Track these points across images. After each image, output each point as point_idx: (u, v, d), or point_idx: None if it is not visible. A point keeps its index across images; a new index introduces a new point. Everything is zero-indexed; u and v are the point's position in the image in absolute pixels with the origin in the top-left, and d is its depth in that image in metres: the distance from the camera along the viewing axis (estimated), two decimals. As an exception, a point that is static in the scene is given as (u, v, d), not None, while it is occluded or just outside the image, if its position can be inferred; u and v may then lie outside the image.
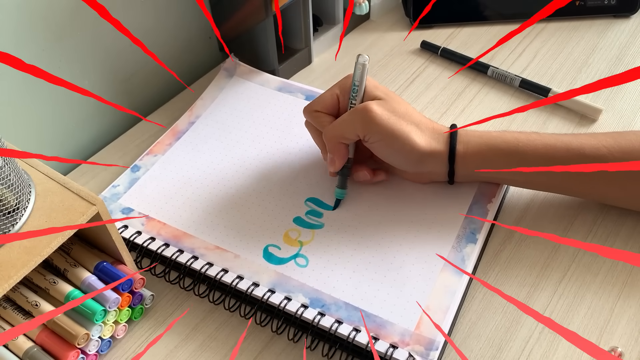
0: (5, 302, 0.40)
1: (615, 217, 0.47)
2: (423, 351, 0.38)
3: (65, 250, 0.42)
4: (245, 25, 0.59)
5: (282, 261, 0.44)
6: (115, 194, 0.50)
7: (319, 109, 0.47)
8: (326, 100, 0.47)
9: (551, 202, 0.49)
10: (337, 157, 0.46)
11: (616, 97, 0.58)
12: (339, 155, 0.46)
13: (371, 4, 0.68)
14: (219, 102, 0.58)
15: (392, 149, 0.45)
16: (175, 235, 0.46)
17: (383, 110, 0.44)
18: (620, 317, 0.42)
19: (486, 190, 0.48)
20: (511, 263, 0.45)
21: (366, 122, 0.44)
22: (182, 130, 0.55)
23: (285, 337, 0.42)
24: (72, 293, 0.39)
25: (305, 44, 0.63)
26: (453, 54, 0.64)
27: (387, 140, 0.44)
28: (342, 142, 0.46)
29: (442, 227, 0.45)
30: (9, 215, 0.36)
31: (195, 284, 0.44)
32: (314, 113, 0.47)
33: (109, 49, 0.56)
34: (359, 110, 0.44)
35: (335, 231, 0.46)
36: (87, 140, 0.58)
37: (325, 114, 0.47)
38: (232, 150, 0.53)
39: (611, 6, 0.67)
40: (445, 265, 0.43)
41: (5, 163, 0.35)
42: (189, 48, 0.64)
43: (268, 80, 0.59)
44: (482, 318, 0.42)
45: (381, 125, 0.43)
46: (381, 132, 0.44)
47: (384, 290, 0.42)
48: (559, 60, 0.63)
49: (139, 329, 0.43)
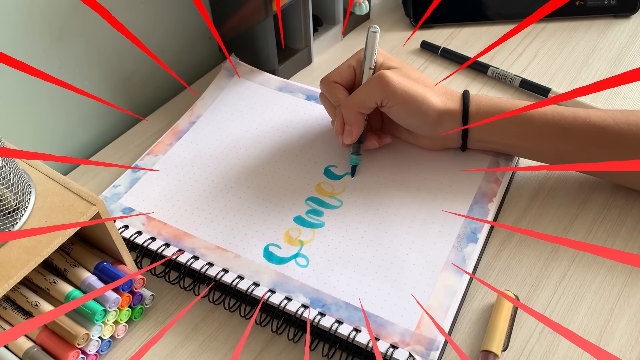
0: (5, 302, 0.40)
1: (615, 217, 0.48)
2: (423, 351, 0.38)
3: (65, 250, 0.42)
4: (245, 25, 0.59)
5: (283, 261, 0.44)
6: (116, 194, 0.50)
7: (337, 79, 0.49)
8: (343, 72, 0.49)
9: (551, 202, 0.49)
10: (355, 128, 0.48)
11: (616, 97, 0.58)
12: (357, 126, 0.48)
13: (371, 4, 0.68)
14: (219, 102, 0.58)
15: (409, 111, 0.47)
16: (176, 235, 0.46)
17: (398, 75, 0.46)
18: (620, 317, 0.42)
19: (487, 190, 0.48)
20: (511, 263, 0.45)
21: (383, 87, 0.46)
22: (182, 130, 0.55)
23: (285, 337, 0.42)
24: (72, 293, 0.39)
25: (305, 44, 0.63)
26: (453, 54, 0.64)
27: (405, 103, 0.46)
28: (361, 111, 0.48)
29: (443, 227, 0.45)
30: (9, 215, 0.36)
31: (196, 284, 0.44)
32: (331, 84, 0.49)
33: (109, 49, 0.56)
34: (375, 78, 0.47)
35: (335, 230, 0.46)
36: (87, 140, 0.58)
37: (341, 86, 0.49)
38: (232, 150, 0.53)
39: (611, 6, 0.67)
40: (446, 265, 0.43)
41: (5, 163, 0.35)
42: (189, 48, 0.64)
43: (269, 80, 0.59)
44: (483, 318, 0.42)
45: (398, 89, 0.46)
46: (398, 95, 0.46)
47: (384, 290, 0.42)
48: (559, 60, 0.63)
49: (139, 329, 0.43)
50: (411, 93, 0.46)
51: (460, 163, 0.50)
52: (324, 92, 0.50)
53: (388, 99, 0.46)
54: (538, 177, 0.51)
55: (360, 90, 0.47)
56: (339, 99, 0.49)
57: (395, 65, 0.49)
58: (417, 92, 0.46)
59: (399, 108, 0.47)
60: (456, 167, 0.50)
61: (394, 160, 0.51)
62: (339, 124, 0.49)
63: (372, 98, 0.47)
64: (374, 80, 0.47)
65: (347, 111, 0.47)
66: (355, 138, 0.48)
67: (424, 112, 0.47)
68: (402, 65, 0.49)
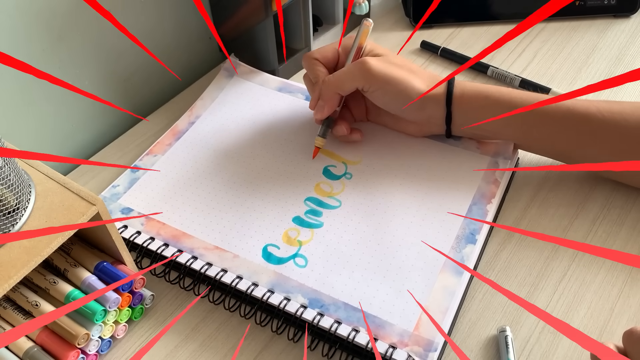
0: (6, 302, 0.40)
1: (615, 217, 0.48)
2: (422, 352, 0.38)
3: (66, 250, 0.42)
4: (245, 25, 0.59)
5: (281, 261, 0.44)
6: (115, 194, 0.50)
7: (318, 57, 0.50)
8: (327, 52, 0.51)
9: (551, 202, 0.49)
10: (327, 105, 0.49)
11: (616, 97, 0.58)
12: (330, 104, 0.49)
13: (371, 4, 0.68)
14: (219, 102, 0.58)
15: (391, 94, 0.48)
16: (175, 235, 0.46)
17: (379, 62, 0.48)
18: (620, 317, 0.42)
19: (486, 191, 0.48)
20: (511, 263, 0.45)
21: (364, 73, 0.47)
22: (182, 130, 0.55)
23: (285, 337, 0.42)
24: (72, 293, 0.39)
25: (305, 44, 0.63)
26: (453, 54, 0.64)
27: (386, 87, 0.47)
28: (338, 92, 0.49)
29: (442, 227, 0.45)
30: (9, 215, 0.36)
31: (195, 284, 0.44)
32: (312, 60, 0.50)
33: (109, 49, 0.56)
34: (357, 64, 0.48)
35: (334, 230, 0.46)
36: (87, 140, 0.58)
37: (321, 64, 0.50)
38: (231, 150, 0.53)
39: (611, 6, 0.67)
40: (445, 266, 0.43)
41: (5, 163, 0.35)
42: (189, 48, 0.64)
43: (268, 81, 0.60)
44: (482, 318, 0.42)
45: (378, 74, 0.47)
46: (379, 80, 0.47)
47: (383, 290, 0.42)
48: (559, 60, 0.63)
49: (139, 329, 0.43)
50: (392, 75, 0.47)
51: (459, 164, 0.50)
52: (305, 66, 0.51)
53: (370, 84, 0.47)
54: (538, 177, 0.51)
55: (342, 72, 0.49)
56: (317, 76, 0.50)
57: (381, 53, 0.50)
58: (399, 75, 0.47)
59: (380, 93, 0.48)
60: (455, 167, 0.50)
61: (392, 161, 0.51)
62: (314, 99, 0.50)
63: (352, 82, 0.48)
64: (356, 65, 0.48)
65: (325, 88, 0.49)
66: (325, 115, 0.50)
67: (405, 94, 0.47)
68: (387, 53, 0.50)
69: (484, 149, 0.51)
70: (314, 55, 0.50)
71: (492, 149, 0.51)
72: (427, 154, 0.51)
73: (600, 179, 0.50)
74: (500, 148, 0.50)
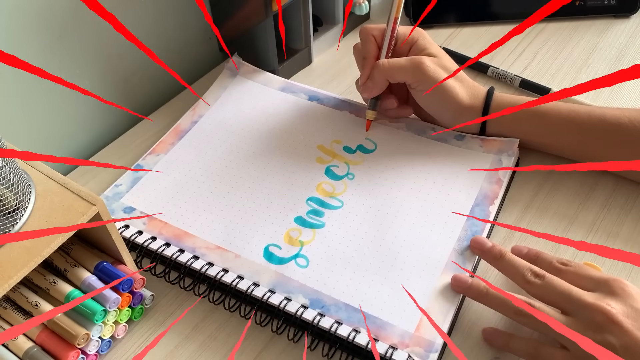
0: (5, 302, 0.40)
1: (615, 217, 0.48)
2: (422, 353, 0.38)
3: (65, 250, 0.42)
4: (245, 25, 0.59)
5: (283, 261, 0.44)
6: (117, 193, 0.50)
7: (376, 34, 0.51)
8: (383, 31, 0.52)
9: (551, 202, 0.49)
10: (375, 88, 0.51)
11: (616, 97, 0.58)
12: (378, 88, 0.51)
13: (371, 4, 0.68)
14: (222, 102, 0.58)
15: (436, 100, 0.50)
16: (177, 235, 0.46)
17: (434, 65, 0.49)
18: (620, 317, 0.41)
19: (488, 192, 0.48)
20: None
21: (418, 72, 0.49)
22: (185, 130, 0.55)
23: (285, 337, 0.42)
24: (72, 293, 0.39)
25: (305, 44, 0.63)
26: (453, 54, 0.64)
27: (434, 92, 0.49)
28: (389, 79, 0.50)
29: (444, 229, 0.45)
30: (9, 215, 0.36)
31: (196, 284, 0.44)
32: (369, 36, 0.51)
33: (109, 49, 0.56)
34: (413, 60, 0.49)
35: (336, 231, 0.46)
36: (87, 140, 0.58)
37: (375, 42, 0.51)
38: (234, 150, 0.53)
39: (611, 6, 0.67)
40: (446, 267, 0.43)
41: (5, 163, 0.35)
42: (189, 48, 0.64)
43: (271, 80, 0.59)
44: (482, 318, 0.42)
45: (431, 77, 0.49)
46: (429, 83, 0.49)
47: (384, 291, 0.42)
48: (559, 60, 0.63)
49: (139, 329, 0.43)
50: (442, 85, 0.49)
51: (462, 164, 0.50)
52: (361, 38, 0.52)
53: (419, 84, 0.49)
54: (538, 177, 0.51)
55: (397, 62, 0.50)
56: (369, 52, 0.51)
57: (434, 53, 0.51)
58: (448, 85, 0.49)
59: (427, 95, 0.50)
60: (458, 168, 0.50)
61: (395, 162, 0.51)
62: (363, 76, 0.51)
63: (404, 76, 0.49)
64: (413, 61, 0.49)
65: (378, 72, 0.50)
66: (372, 95, 0.52)
67: (448, 105, 0.50)
68: (441, 55, 0.51)
69: (487, 146, 0.51)
70: (372, 32, 0.51)
71: (496, 146, 0.51)
72: (429, 154, 0.51)
73: (600, 179, 0.50)
74: (505, 145, 0.50)
